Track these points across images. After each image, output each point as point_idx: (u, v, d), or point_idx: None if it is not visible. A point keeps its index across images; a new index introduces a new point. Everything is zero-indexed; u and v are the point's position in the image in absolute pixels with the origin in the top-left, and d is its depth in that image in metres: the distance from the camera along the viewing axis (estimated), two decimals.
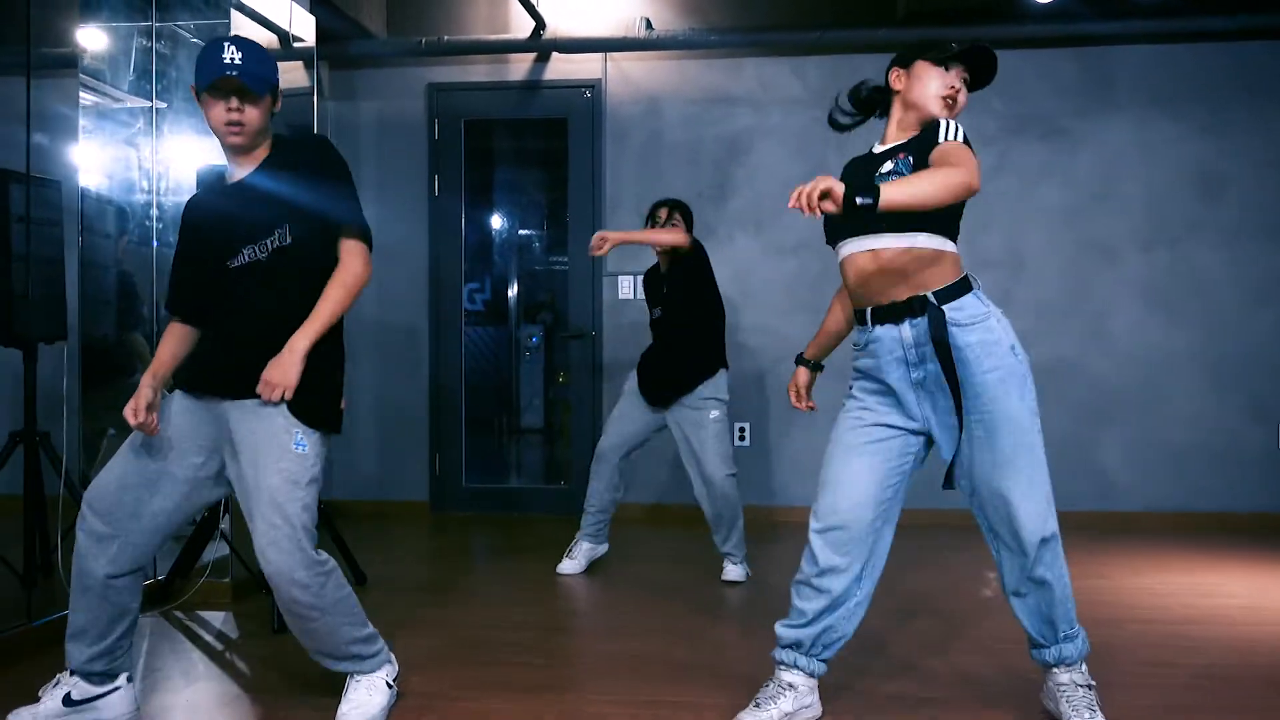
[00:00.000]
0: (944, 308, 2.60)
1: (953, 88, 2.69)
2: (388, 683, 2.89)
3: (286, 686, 3.17)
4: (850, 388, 2.82)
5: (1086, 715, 2.70)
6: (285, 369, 2.61)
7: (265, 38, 4.79)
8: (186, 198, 3.02)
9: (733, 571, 4.55)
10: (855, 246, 2.68)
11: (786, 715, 2.78)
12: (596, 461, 4.70)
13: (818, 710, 2.86)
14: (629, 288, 6.19)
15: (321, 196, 2.71)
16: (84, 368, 4.11)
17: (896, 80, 2.77)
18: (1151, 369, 5.93)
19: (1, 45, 3.84)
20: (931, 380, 2.64)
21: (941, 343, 2.58)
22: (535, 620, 3.98)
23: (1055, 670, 2.77)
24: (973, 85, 2.76)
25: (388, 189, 6.32)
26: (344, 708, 2.81)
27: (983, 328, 2.62)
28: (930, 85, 2.70)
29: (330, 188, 2.73)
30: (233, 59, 2.58)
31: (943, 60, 2.70)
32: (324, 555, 2.70)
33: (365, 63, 6.31)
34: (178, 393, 2.80)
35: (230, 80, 2.59)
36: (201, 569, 4.16)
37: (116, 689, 2.81)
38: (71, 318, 3.94)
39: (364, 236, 2.76)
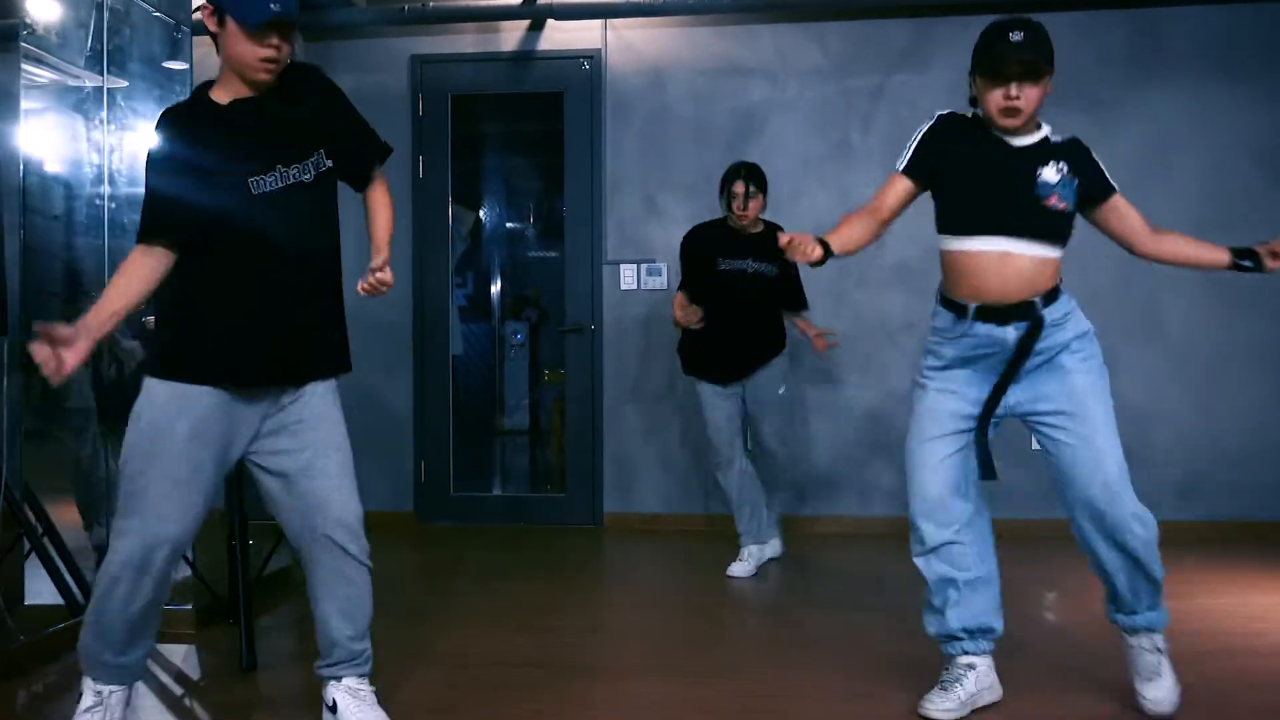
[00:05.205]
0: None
1: (1009, 97, 2.62)
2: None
3: None
4: None
5: None
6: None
7: None
8: (141, 179, 2.64)
9: (738, 568, 4.57)
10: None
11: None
12: (725, 469, 4.62)
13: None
14: (631, 278, 5.79)
15: (352, 123, 2.81)
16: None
17: (974, 88, 2.73)
18: (1207, 362, 5.50)
19: None
20: None
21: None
22: (546, 656, 3.45)
23: None
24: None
25: None
26: None
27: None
28: (990, 102, 2.66)
29: (356, 115, 2.82)
30: None
31: (988, 74, 2.64)
32: None
33: (343, 33, 5.93)
34: (205, 389, 2.56)
35: (280, 21, 2.51)
36: None
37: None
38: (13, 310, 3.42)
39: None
